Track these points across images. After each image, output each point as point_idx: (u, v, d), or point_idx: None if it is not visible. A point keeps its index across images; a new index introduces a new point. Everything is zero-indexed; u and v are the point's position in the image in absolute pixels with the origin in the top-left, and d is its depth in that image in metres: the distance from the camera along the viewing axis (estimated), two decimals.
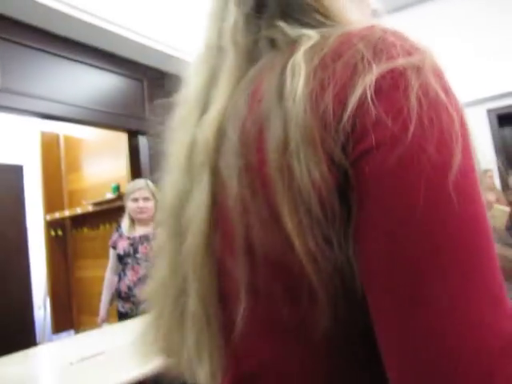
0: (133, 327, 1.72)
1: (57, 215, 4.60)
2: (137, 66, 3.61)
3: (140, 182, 2.64)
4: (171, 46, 3.48)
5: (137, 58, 3.55)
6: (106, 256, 4.59)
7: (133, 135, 3.82)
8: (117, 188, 4.17)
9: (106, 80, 3.40)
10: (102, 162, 4.39)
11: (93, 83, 3.29)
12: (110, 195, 4.25)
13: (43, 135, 4.70)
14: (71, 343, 1.74)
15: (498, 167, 3.80)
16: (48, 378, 1.20)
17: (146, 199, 2.54)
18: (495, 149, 4.22)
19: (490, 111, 4.21)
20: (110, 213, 4.29)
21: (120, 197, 4.20)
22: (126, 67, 3.53)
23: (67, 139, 4.76)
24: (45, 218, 4.67)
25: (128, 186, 2.70)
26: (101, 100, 3.31)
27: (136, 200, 2.54)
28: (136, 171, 3.93)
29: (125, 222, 2.64)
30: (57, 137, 4.80)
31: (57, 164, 4.77)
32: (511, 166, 3.96)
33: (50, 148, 4.76)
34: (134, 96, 3.59)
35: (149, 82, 3.71)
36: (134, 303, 2.40)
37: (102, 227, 4.59)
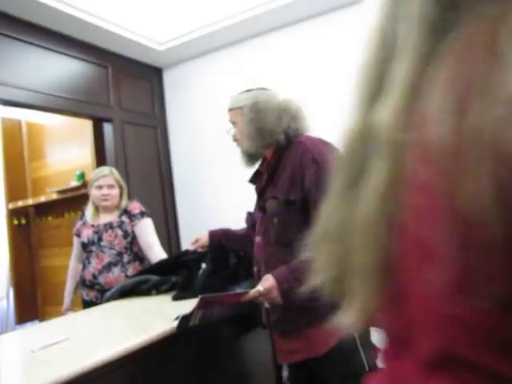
0: (98, 314, 1.76)
1: (20, 203, 4.52)
2: (102, 53, 3.59)
3: (104, 170, 2.63)
4: (137, 33, 3.49)
5: (102, 45, 3.53)
6: (71, 244, 4.56)
7: (97, 122, 3.81)
8: (81, 176, 4.15)
9: (71, 66, 3.37)
10: (67, 150, 4.34)
11: (57, 69, 3.25)
12: (74, 183, 4.21)
13: (4, 121, 4.58)
14: (33, 332, 1.73)
15: None
16: (8, 366, 1.20)
17: (110, 186, 2.53)
18: None
19: None
20: (74, 201, 4.25)
21: (85, 185, 4.17)
22: (91, 53, 3.50)
23: (30, 126, 4.66)
24: (7, 207, 4.58)
25: (92, 174, 2.67)
26: (65, 86, 3.28)
27: (100, 187, 2.53)
28: (101, 159, 3.92)
29: (89, 210, 2.62)
30: (19, 123, 4.70)
31: (19, 151, 4.68)
32: None
33: (12, 135, 4.65)
34: (98, 83, 3.58)
35: (114, 69, 3.70)
36: (98, 291, 2.42)
37: (66, 215, 4.54)
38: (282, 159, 1.49)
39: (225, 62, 3.88)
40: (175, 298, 1.88)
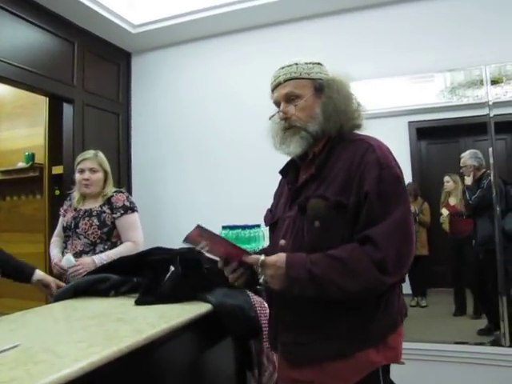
0: (51, 315, 1.55)
1: None
2: (70, 26, 3.30)
3: (88, 152, 2.50)
4: (111, 11, 3.24)
5: (71, 17, 3.25)
6: (11, 230, 4.22)
7: (55, 101, 3.51)
8: (31, 157, 3.82)
9: (33, 35, 3.06)
10: (16, 127, 3.98)
11: (17, 36, 2.94)
12: (21, 164, 3.87)
13: None
14: None
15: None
16: None
17: (92, 170, 2.41)
18: (411, 158, 4.47)
19: (410, 123, 4.46)
20: (20, 183, 3.92)
21: (33, 167, 3.85)
22: (58, 25, 3.21)
23: None
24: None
25: (77, 156, 2.53)
26: (24, 56, 2.97)
27: (82, 171, 2.40)
28: (55, 141, 3.62)
29: (75, 193, 2.50)
30: None
31: None
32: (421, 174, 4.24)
33: None
34: (62, 58, 3.28)
35: (80, 46, 3.41)
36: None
37: (8, 198, 4.17)
38: (334, 153, 1.26)
39: (196, 55, 3.75)
40: (138, 303, 1.69)
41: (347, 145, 1.26)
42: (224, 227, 2.41)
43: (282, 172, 1.45)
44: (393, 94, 3.58)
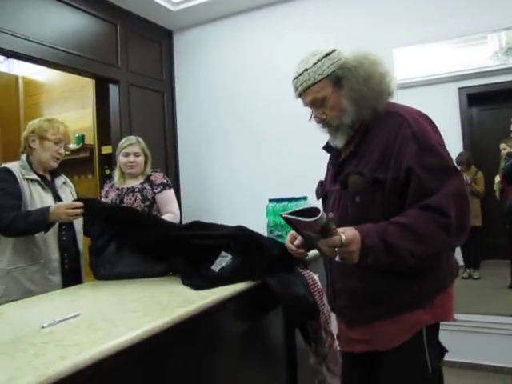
0: (107, 289, 1.59)
1: None
2: (112, 8, 3.36)
3: (132, 138, 2.76)
4: None
5: (113, 0, 3.30)
6: None
7: (101, 83, 3.60)
8: (81, 138, 3.95)
9: (78, 19, 3.14)
10: (66, 110, 4.12)
11: (63, 21, 3.03)
12: (72, 146, 4.02)
13: (0, 77, 4.34)
14: (38, 303, 1.58)
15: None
16: (18, 342, 1.09)
17: (136, 154, 2.68)
18: (462, 125, 4.28)
19: (461, 89, 4.25)
20: (72, 164, 4.07)
21: (84, 148, 3.99)
22: (101, 8, 3.27)
23: (27, 83, 4.43)
24: None
25: (120, 142, 2.80)
26: (70, 41, 3.06)
27: (127, 155, 2.68)
28: (103, 122, 3.73)
29: (116, 175, 2.78)
30: (15, 79, 4.45)
31: (15, 109, 4.44)
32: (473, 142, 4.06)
33: (8, 91, 4.41)
34: (106, 41, 3.36)
35: (123, 27, 3.47)
36: None
37: None
38: (371, 129, 1.28)
39: (237, 30, 3.72)
40: (196, 287, 1.56)
41: (383, 119, 1.27)
42: (271, 200, 2.41)
43: (325, 148, 1.48)
44: (441, 60, 3.42)
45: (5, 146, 4.33)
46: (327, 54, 1.31)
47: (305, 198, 2.39)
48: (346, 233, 1.10)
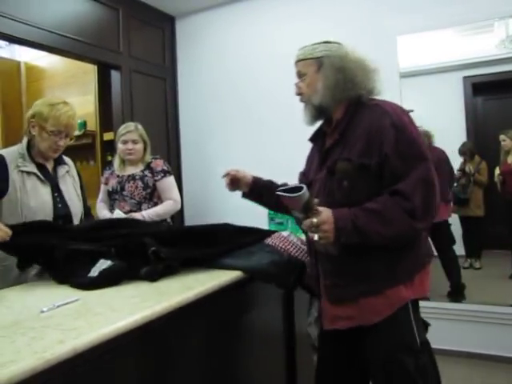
0: None
1: None
2: None
3: (130, 125, 2.75)
4: None
5: None
6: None
7: (103, 69, 3.58)
8: (83, 124, 3.94)
9: (80, 5, 3.11)
10: (68, 96, 4.10)
11: (64, 6, 3.00)
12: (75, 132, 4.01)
13: (1, 62, 4.32)
14: (38, 287, 1.58)
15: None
16: (17, 326, 1.09)
17: (134, 141, 2.68)
18: (466, 115, 4.24)
19: (465, 78, 4.21)
20: (74, 150, 4.07)
21: (86, 134, 3.99)
22: None
23: (29, 69, 4.40)
24: None
25: (119, 129, 2.80)
26: (72, 26, 3.04)
27: (125, 142, 2.68)
28: (105, 108, 3.72)
29: (116, 162, 2.79)
30: (18, 65, 4.43)
31: (17, 96, 4.43)
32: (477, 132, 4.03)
33: (10, 77, 4.40)
34: (108, 26, 3.33)
35: (125, 13, 3.44)
36: None
37: None
38: (354, 119, 1.40)
39: (240, 15, 3.69)
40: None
41: (365, 111, 1.39)
42: None
43: (311, 139, 1.63)
44: (446, 48, 3.38)
45: (7, 131, 4.33)
46: (326, 42, 1.47)
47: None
48: (322, 214, 1.25)
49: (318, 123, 1.55)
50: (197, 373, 1.37)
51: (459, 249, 3.58)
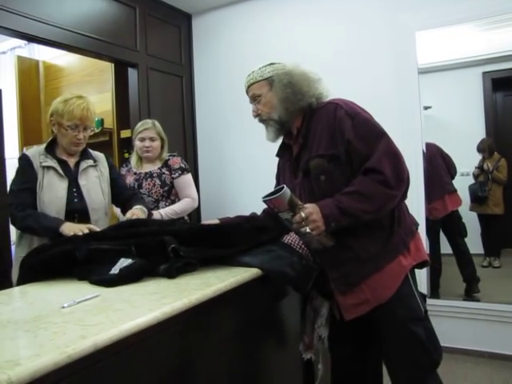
0: None
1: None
2: None
3: (147, 123, 2.74)
4: None
5: None
6: None
7: (120, 67, 3.61)
8: (100, 122, 3.98)
9: (97, 3, 3.14)
10: (85, 94, 4.12)
11: (82, 5, 3.03)
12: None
13: (20, 61, 4.38)
14: (57, 284, 1.59)
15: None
16: (38, 321, 1.11)
17: (152, 139, 2.68)
18: (486, 111, 4.18)
19: (485, 74, 4.14)
20: (92, 148, 4.11)
21: (104, 132, 4.02)
22: None
23: (47, 67, 4.46)
24: (21, 152, 4.44)
25: (136, 126, 2.79)
26: (89, 25, 3.06)
27: (143, 139, 2.68)
28: (122, 105, 3.74)
29: (133, 159, 2.78)
30: (36, 64, 4.49)
31: (35, 94, 4.49)
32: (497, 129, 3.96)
33: (29, 76, 4.46)
34: (125, 24, 3.35)
35: (142, 11, 3.46)
36: None
37: None
38: (312, 122, 1.55)
39: (257, 13, 3.68)
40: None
41: (319, 111, 1.55)
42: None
43: (278, 154, 1.79)
44: (465, 43, 3.33)
45: (26, 130, 4.39)
46: (271, 64, 1.67)
47: None
48: (308, 207, 1.38)
49: (280, 139, 1.70)
50: (216, 369, 1.37)
51: (478, 247, 3.53)
